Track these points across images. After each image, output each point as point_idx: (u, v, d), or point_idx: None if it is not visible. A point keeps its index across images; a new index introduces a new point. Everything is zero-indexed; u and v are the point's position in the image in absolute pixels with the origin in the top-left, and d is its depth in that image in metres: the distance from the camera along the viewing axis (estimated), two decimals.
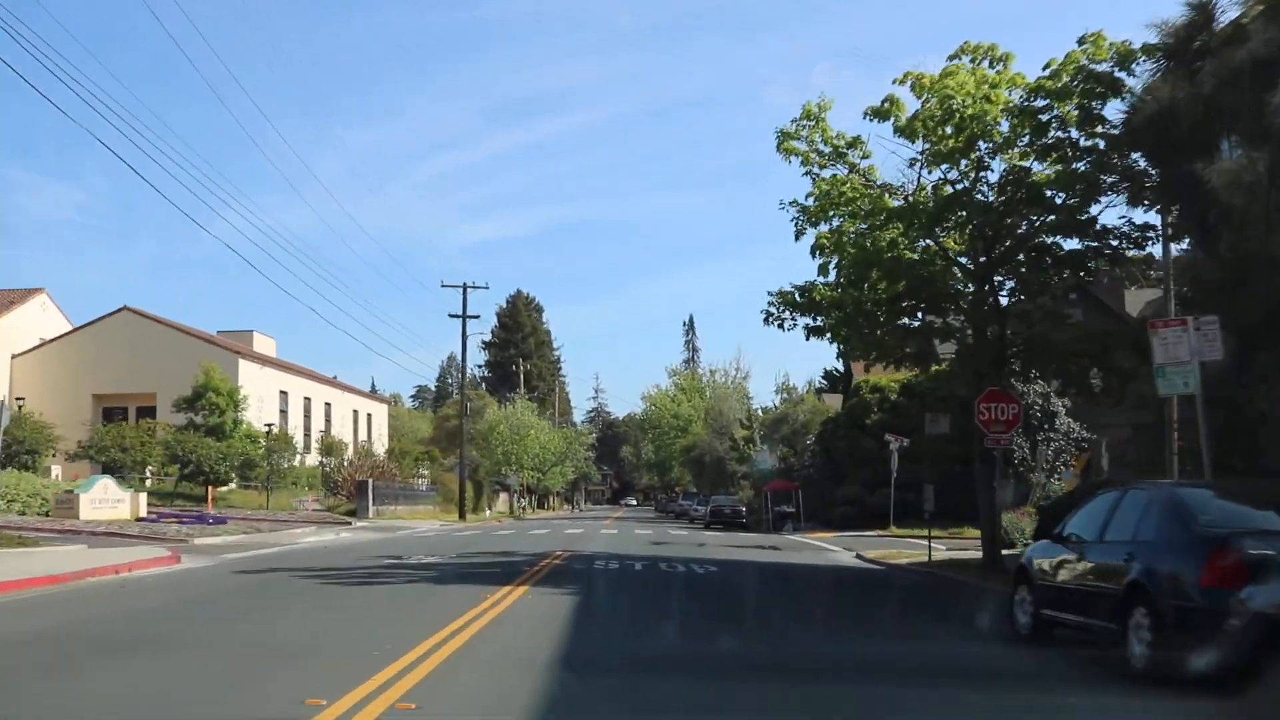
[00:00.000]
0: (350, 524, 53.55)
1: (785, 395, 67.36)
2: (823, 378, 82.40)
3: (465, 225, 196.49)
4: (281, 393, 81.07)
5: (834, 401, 71.91)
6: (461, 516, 63.05)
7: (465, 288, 63.37)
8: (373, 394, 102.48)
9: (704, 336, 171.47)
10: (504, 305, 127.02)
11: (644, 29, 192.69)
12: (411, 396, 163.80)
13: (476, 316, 62.76)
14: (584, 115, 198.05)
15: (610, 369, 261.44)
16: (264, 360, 78.66)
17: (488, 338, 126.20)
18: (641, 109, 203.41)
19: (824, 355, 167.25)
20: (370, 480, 61.88)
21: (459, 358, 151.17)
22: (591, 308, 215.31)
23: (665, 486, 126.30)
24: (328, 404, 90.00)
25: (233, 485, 66.14)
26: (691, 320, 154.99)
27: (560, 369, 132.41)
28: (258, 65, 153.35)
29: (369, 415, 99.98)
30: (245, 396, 65.41)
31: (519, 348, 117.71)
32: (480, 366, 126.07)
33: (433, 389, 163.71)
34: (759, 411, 64.73)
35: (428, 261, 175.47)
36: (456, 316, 63.53)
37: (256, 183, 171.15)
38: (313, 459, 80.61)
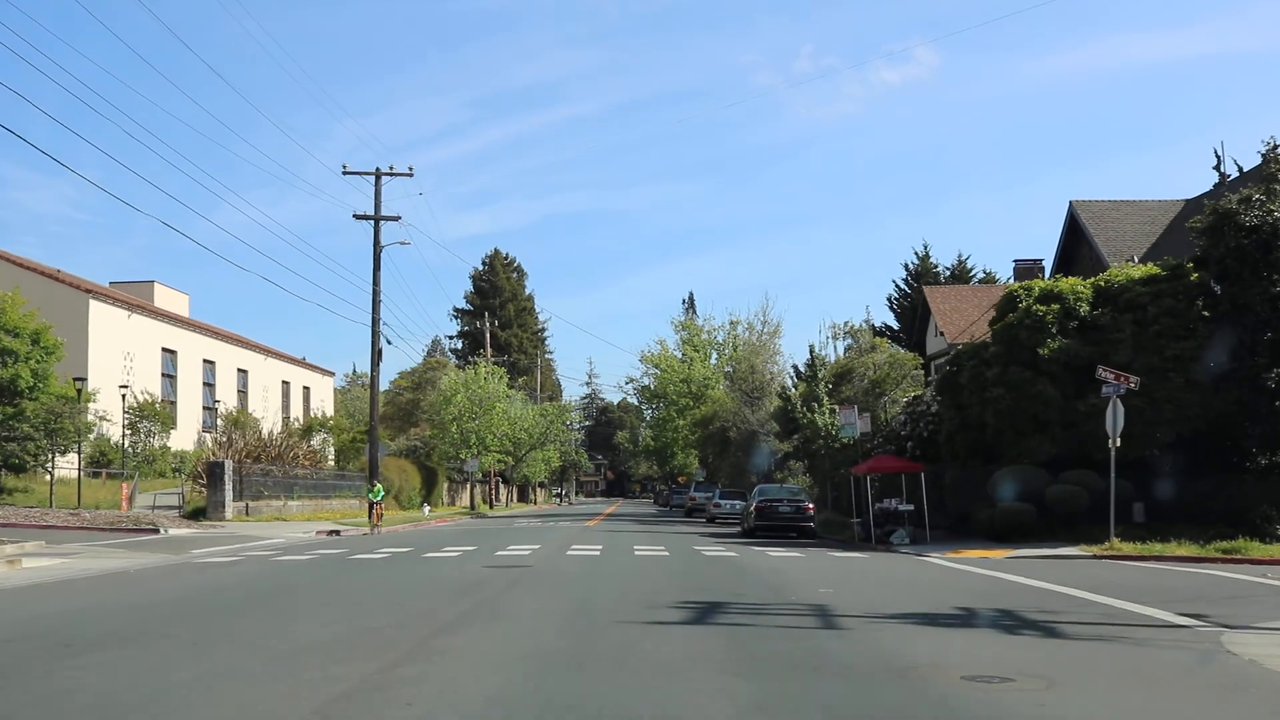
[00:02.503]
0: (158, 533, 30.27)
1: (850, 340, 43.82)
2: (873, 334, 58.46)
3: (455, 217, 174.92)
4: (167, 351, 57.50)
5: None
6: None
7: (378, 174, 39.79)
8: (314, 364, 78.59)
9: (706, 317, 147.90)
10: (480, 267, 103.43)
11: (631, 20, 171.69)
12: (392, 381, 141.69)
13: (396, 218, 39.29)
14: (574, 107, 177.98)
15: (604, 360, 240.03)
16: (136, 307, 54.79)
17: (461, 304, 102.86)
18: (631, 99, 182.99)
19: (872, 300, 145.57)
20: (229, 463, 38.30)
21: (439, 336, 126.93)
22: (585, 298, 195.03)
23: (667, 476, 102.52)
24: (242, 370, 66.47)
25: (67, 467, 42.73)
26: (691, 298, 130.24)
27: (545, 341, 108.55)
28: (246, 59, 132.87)
29: (306, 388, 76.44)
30: (61, 342, 41.74)
31: (496, 314, 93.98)
32: (452, 338, 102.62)
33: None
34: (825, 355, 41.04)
35: (419, 254, 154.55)
36: (365, 218, 39.94)
37: (243, 177, 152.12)
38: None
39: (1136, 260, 34.63)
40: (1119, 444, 23.95)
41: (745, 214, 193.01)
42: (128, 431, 49.46)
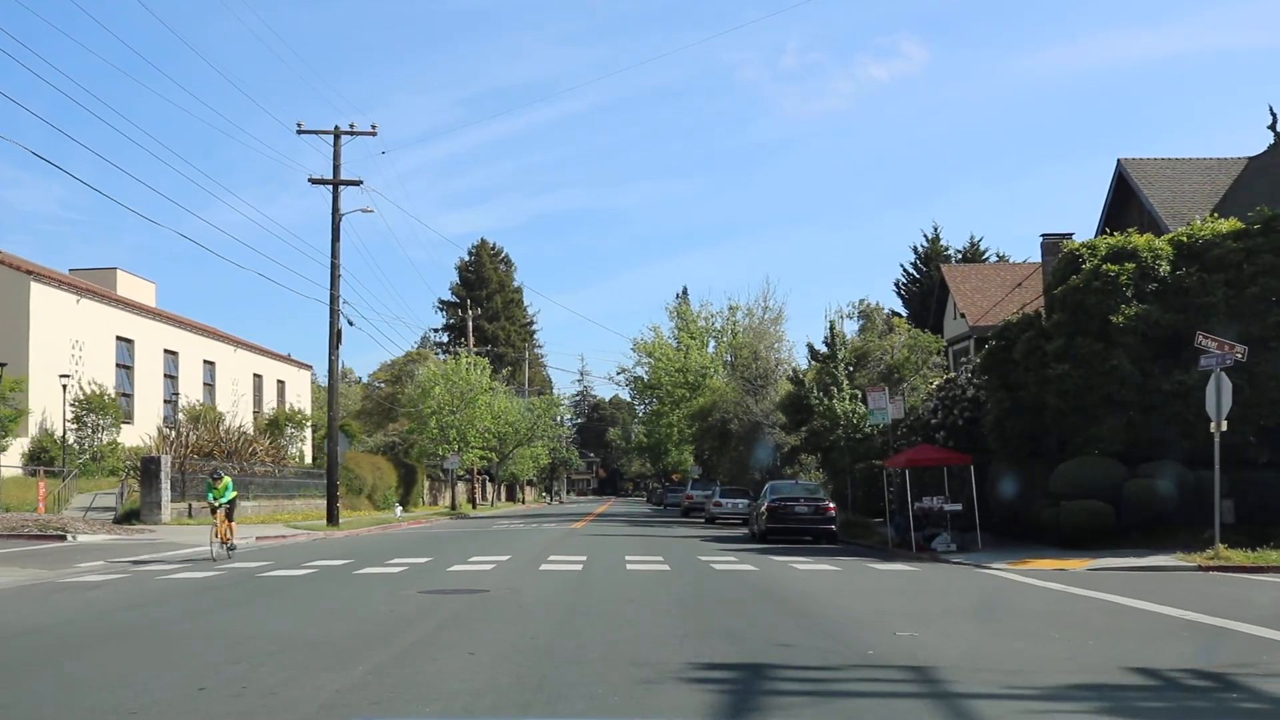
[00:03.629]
0: (64, 540, 25.34)
1: (864, 320, 38.79)
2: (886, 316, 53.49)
3: (447, 215, 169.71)
4: (122, 340, 52.10)
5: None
6: (331, 519, 34.47)
7: (337, 133, 34.70)
8: (288, 356, 73.28)
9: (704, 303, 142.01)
10: (466, 258, 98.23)
11: (619, 18, 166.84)
12: (371, 375, 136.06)
13: (357, 182, 34.13)
14: (565, 105, 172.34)
15: (596, 357, 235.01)
16: (88, 291, 49.51)
17: (447, 297, 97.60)
18: (622, 98, 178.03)
19: (869, 295, 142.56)
20: (166, 459, 33.33)
21: (424, 342, 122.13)
22: (578, 296, 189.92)
23: (660, 474, 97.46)
24: (209, 362, 61.04)
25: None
26: (685, 291, 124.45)
27: (534, 334, 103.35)
28: (233, 55, 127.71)
29: (280, 382, 70.99)
30: None
31: (483, 306, 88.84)
32: (437, 331, 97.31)
33: None
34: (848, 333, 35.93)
35: (410, 251, 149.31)
36: (322, 182, 34.89)
37: (236, 175, 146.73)
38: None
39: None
40: (1224, 428, 19.11)
41: (738, 212, 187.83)
42: (72, 425, 44.44)
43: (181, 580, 15.79)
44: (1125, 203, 32.80)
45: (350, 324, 34.42)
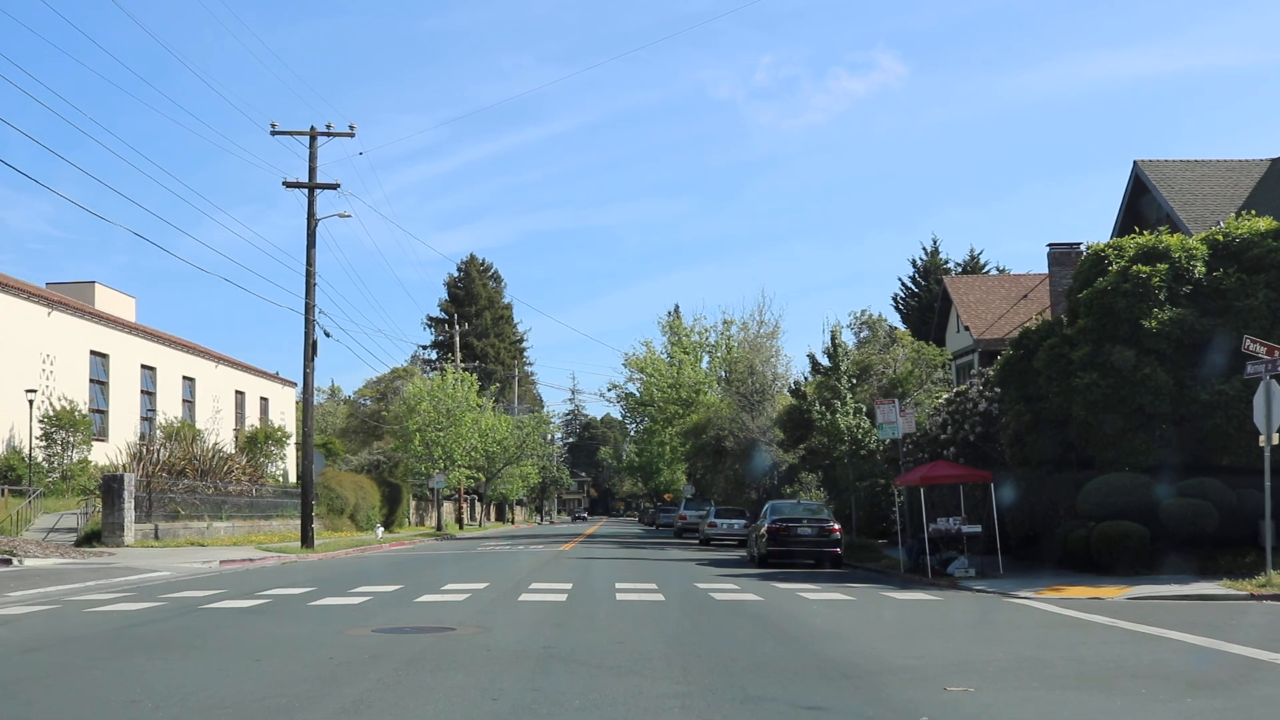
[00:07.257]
0: (10, 564, 23.34)
1: (866, 330, 36.87)
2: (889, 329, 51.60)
3: (437, 235, 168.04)
4: (96, 355, 49.89)
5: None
6: (306, 541, 32.37)
7: (313, 134, 32.79)
8: (271, 373, 71.07)
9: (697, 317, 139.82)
10: (455, 274, 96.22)
11: (600, 39, 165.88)
12: (357, 391, 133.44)
13: (335, 185, 32.12)
14: (552, 125, 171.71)
15: (587, 375, 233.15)
16: (59, 304, 47.36)
17: (435, 313, 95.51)
18: (608, 117, 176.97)
19: (874, 302, 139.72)
20: (131, 477, 31.24)
21: (419, 354, 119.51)
22: (568, 315, 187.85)
23: (652, 494, 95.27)
24: (188, 378, 58.78)
25: None
26: (677, 309, 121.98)
27: (524, 352, 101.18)
28: (226, 75, 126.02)
29: (263, 399, 68.76)
30: None
31: (472, 323, 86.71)
32: (425, 348, 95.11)
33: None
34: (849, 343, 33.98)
35: (399, 270, 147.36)
36: (297, 186, 32.97)
37: (225, 193, 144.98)
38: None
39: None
40: (1276, 440, 17.26)
41: (727, 230, 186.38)
42: (41, 443, 42.29)
43: (111, 613, 13.79)
44: (1141, 207, 31.07)
45: (327, 335, 32.44)
